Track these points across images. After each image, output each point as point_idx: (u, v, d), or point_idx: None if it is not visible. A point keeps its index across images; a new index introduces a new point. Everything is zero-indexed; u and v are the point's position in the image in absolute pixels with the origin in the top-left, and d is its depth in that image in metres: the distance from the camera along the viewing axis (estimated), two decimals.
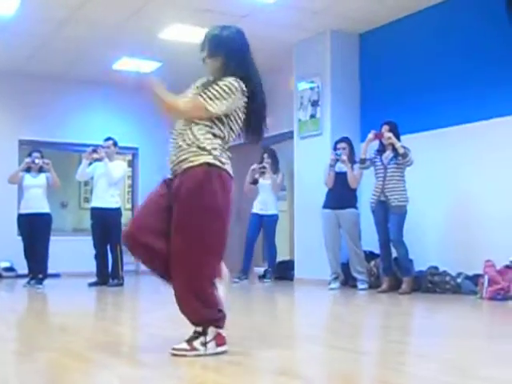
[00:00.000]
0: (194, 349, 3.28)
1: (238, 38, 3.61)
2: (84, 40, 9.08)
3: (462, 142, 7.46)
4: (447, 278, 7.24)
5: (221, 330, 3.36)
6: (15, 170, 8.78)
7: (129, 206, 12.29)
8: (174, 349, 3.30)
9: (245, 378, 2.82)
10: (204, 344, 3.30)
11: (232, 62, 3.52)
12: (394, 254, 7.48)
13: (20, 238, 8.65)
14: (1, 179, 9.00)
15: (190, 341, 3.31)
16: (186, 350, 3.28)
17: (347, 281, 8.17)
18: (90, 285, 8.45)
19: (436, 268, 7.44)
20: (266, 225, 9.26)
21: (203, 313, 3.33)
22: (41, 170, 8.56)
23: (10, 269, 10.31)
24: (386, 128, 7.45)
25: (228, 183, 3.41)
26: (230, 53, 3.53)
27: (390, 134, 7.35)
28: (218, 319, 3.36)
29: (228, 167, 3.42)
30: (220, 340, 3.34)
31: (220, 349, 3.33)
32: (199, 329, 3.33)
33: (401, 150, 7.25)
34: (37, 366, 3.23)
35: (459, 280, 7.16)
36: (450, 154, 7.59)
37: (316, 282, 8.41)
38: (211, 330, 3.32)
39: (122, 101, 11.45)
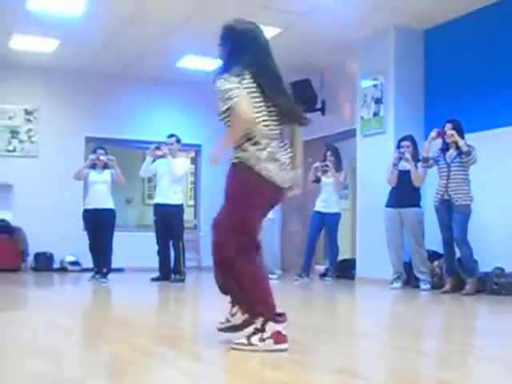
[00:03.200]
0: (251, 344, 3.33)
1: (245, 30, 3.67)
2: (148, 37, 9.19)
3: None
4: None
5: (281, 328, 3.37)
6: (81, 166, 8.95)
7: (191, 202, 12.39)
8: (233, 343, 3.37)
9: (304, 376, 2.81)
10: (262, 340, 3.33)
11: (235, 52, 3.62)
12: (458, 254, 7.36)
13: (85, 232, 8.82)
14: (67, 175, 9.18)
15: (248, 336, 3.36)
16: (244, 344, 3.34)
17: (409, 280, 8.06)
18: (153, 280, 8.56)
19: (502, 269, 7.27)
20: (328, 223, 9.20)
21: (258, 306, 3.40)
22: (105, 166, 8.71)
23: (76, 263, 10.52)
24: (448, 126, 7.32)
25: None
26: (235, 43, 3.64)
27: (453, 132, 7.23)
28: (273, 314, 3.39)
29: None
30: (279, 338, 3.35)
31: (279, 346, 3.34)
32: (258, 325, 3.37)
33: (464, 148, 7.13)
34: (100, 358, 3.29)
35: None
36: None
37: (378, 282, 8.34)
38: (270, 327, 3.35)
39: (185, 98, 11.56)
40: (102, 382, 2.69)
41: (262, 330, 3.35)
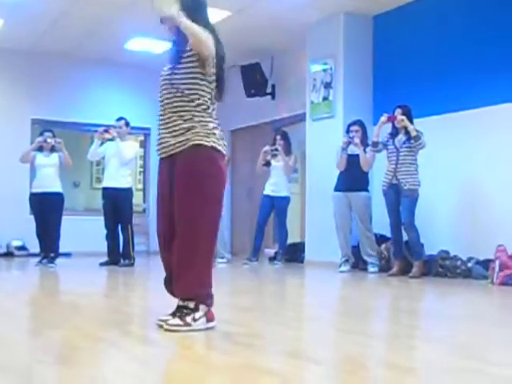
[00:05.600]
0: (188, 324, 3.38)
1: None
2: (96, 18, 9.05)
3: (474, 126, 7.42)
4: (458, 263, 7.22)
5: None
6: (27, 149, 8.80)
7: (140, 186, 12.31)
8: (167, 324, 3.39)
9: (255, 359, 2.83)
10: (196, 319, 3.41)
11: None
12: (405, 237, 7.47)
13: (32, 217, 8.68)
14: (13, 158, 9.02)
15: (182, 316, 3.40)
16: (179, 325, 3.37)
17: (357, 264, 8.17)
18: (101, 264, 8.49)
19: (447, 252, 7.42)
20: (277, 207, 9.24)
21: (197, 290, 3.44)
22: (53, 149, 8.57)
23: (22, 248, 10.36)
24: (398, 111, 7.42)
25: None
26: (186, 11, 3.41)
27: (403, 117, 7.32)
28: (208, 298, 3.47)
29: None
30: (210, 315, 3.47)
31: (210, 324, 3.45)
32: (191, 305, 3.42)
33: (413, 133, 7.22)
34: (47, 343, 3.25)
35: (470, 264, 7.15)
36: (462, 137, 7.55)
37: (326, 265, 8.42)
38: (202, 307, 3.44)
39: (134, 80, 11.45)
40: (50, 368, 2.66)
41: (196, 309, 3.42)
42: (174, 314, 3.45)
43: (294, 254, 9.56)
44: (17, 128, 10.71)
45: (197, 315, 3.41)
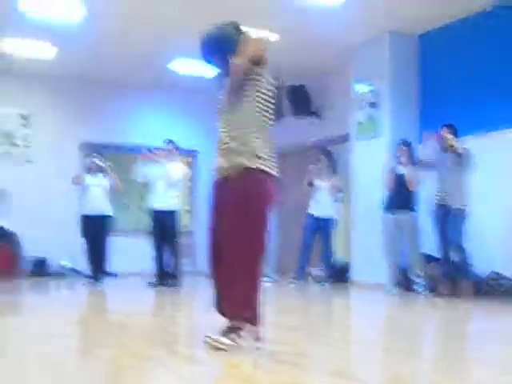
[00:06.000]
0: (234, 343, 3.43)
1: (228, 34, 3.84)
2: (141, 43, 9.19)
3: None
4: (508, 283, 7.10)
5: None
6: (79, 171, 8.97)
7: (188, 207, 12.39)
8: (214, 341, 3.43)
9: (301, 379, 2.83)
10: (243, 338, 3.46)
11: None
12: (454, 257, 7.37)
13: (82, 237, 8.78)
14: (62, 180, 9.19)
15: (228, 334, 3.45)
16: (226, 344, 3.42)
17: (405, 284, 8.08)
18: (150, 284, 8.56)
19: (497, 273, 7.30)
20: (322, 227, 9.21)
21: (244, 309, 3.46)
22: (100, 170, 8.75)
23: (71, 268, 10.51)
24: (445, 130, 7.36)
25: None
26: (224, 52, 3.77)
27: (451, 136, 7.26)
28: (255, 317, 3.49)
29: None
30: (256, 334, 3.50)
31: (257, 343, 3.48)
32: (238, 324, 3.47)
33: (461, 152, 7.15)
34: (95, 363, 3.29)
35: None
36: None
37: (372, 286, 8.35)
38: (249, 326, 3.47)
39: (181, 103, 11.58)
40: None
41: (241, 327, 3.46)
42: (221, 333, 3.47)
43: (339, 275, 9.52)
44: (66, 151, 10.91)
45: (244, 334, 3.45)
